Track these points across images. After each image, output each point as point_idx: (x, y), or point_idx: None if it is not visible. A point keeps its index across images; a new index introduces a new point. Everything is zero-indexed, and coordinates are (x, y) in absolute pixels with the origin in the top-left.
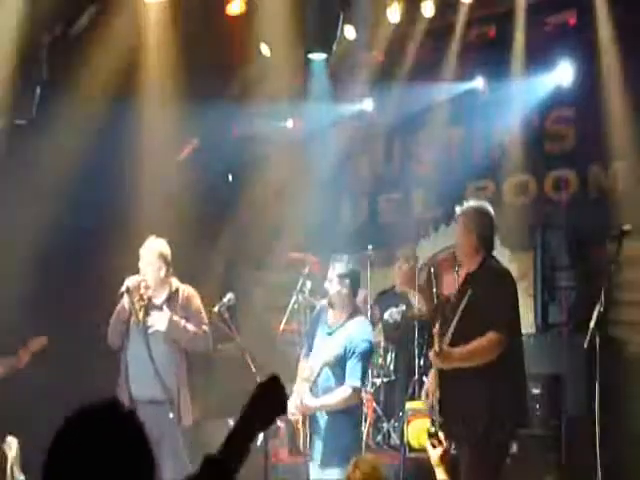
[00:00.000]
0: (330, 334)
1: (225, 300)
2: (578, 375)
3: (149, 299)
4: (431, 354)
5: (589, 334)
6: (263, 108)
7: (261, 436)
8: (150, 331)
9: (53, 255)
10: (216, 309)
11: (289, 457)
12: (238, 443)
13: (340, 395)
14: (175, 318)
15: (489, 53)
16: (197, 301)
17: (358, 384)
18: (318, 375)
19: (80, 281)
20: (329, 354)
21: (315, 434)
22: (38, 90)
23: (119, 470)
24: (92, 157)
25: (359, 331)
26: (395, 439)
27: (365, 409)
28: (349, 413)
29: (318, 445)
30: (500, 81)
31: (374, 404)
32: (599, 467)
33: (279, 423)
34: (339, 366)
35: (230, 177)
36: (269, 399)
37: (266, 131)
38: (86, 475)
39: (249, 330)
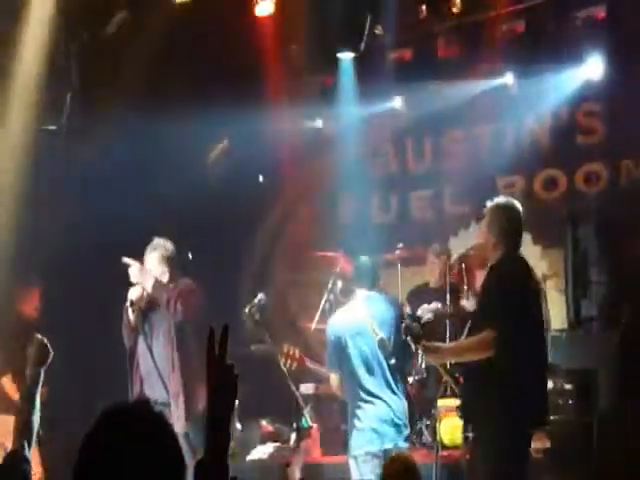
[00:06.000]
0: None
1: (256, 301)
2: (610, 370)
3: (151, 304)
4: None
5: (621, 329)
6: (293, 108)
7: (293, 436)
8: (153, 336)
9: (83, 257)
10: (247, 310)
11: (322, 456)
12: (215, 436)
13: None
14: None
15: (518, 48)
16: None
17: None
18: None
19: (107, 283)
20: None
21: None
22: (68, 96)
23: (149, 470)
24: (123, 160)
25: None
26: (427, 437)
27: None
28: None
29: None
30: (530, 76)
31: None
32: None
33: (311, 423)
34: None
35: (261, 178)
36: (220, 382)
37: (296, 131)
38: (116, 474)
39: (281, 330)
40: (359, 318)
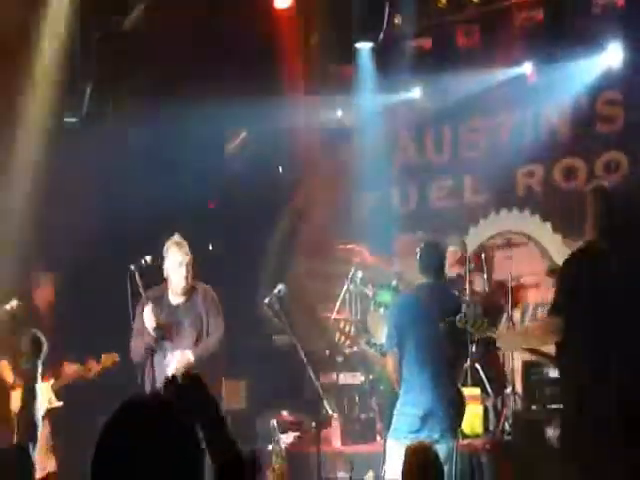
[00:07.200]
0: None
1: (275, 291)
2: None
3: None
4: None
5: None
6: (312, 99)
7: (313, 424)
8: (172, 333)
9: (103, 251)
10: (267, 300)
11: (343, 445)
12: (218, 432)
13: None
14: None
15: (538, 37)
16: (213, 295)
17: None
18: None
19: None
20: None
21: None
22: (88, 88)
23: (164, 460)
24: (141, 151)
25: None
26: None
27: None
28: None
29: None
30: (549, 65)
31: None
32: None
33: (331, 412)
34: None
35: (280, 169)
36: (194, 399)
37: (315, 122)
38: (134, 463)
39: (301, 321)
40: (422, 307)
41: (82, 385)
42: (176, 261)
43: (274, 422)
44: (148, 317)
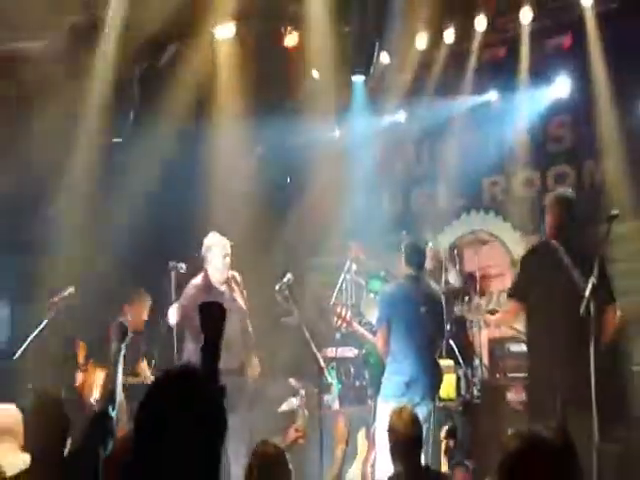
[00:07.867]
0: None
1: (285, 280)
2: None
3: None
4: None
5: (584, 302)
6: (315, 121)
7: (315, 390)
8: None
9: (147, 253)
10: (277, 288)
11: (340, 407)
12: (209, 356)
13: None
14: None
15: (500, 71)
16: (240, 282)
17: None
18: None
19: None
20: None
21: None
22: (132, 113)
23: (194, 421)
24: (176, 166)
25: None
26: None
27: None
28: None
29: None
30: (509, 93)
31: None
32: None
33: (331, 380)
34: None
35: (289, 179)
36: (209, 316)
37: (317, 140)
38: (166, 425)
39: (305, 304)
40: (409, 294)
41: None
42: (221, 254)
43: (302, 392)
44: (172, 315)
